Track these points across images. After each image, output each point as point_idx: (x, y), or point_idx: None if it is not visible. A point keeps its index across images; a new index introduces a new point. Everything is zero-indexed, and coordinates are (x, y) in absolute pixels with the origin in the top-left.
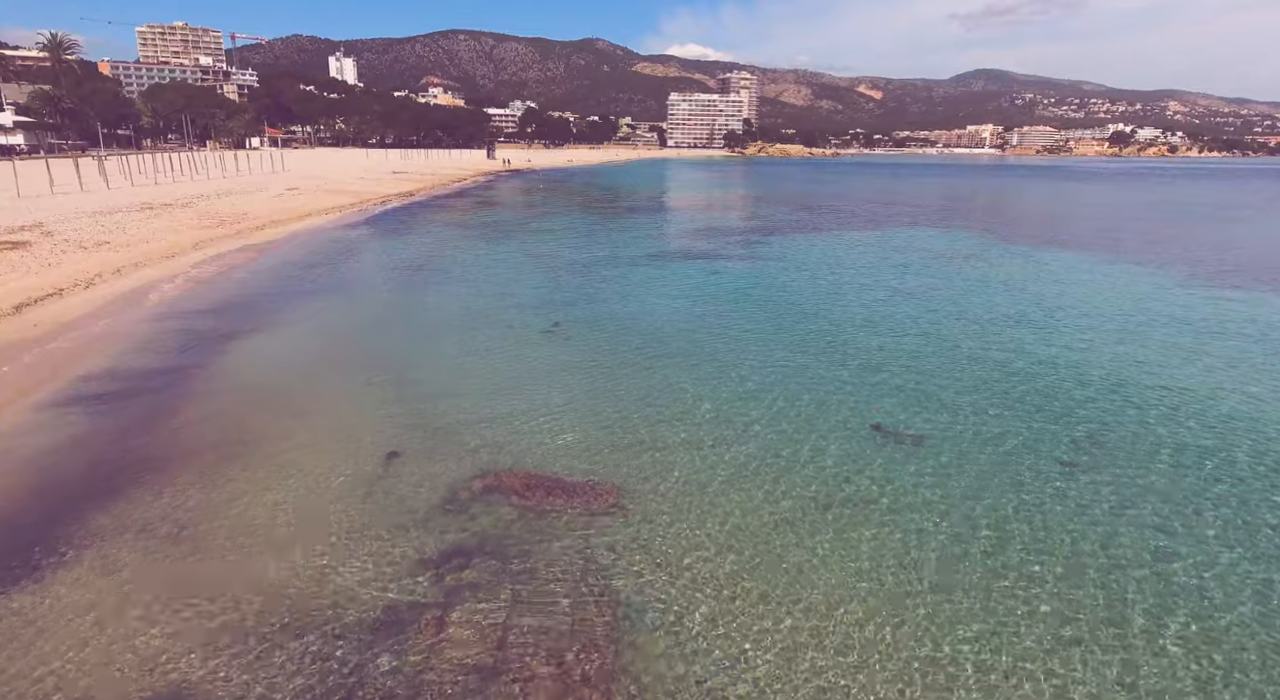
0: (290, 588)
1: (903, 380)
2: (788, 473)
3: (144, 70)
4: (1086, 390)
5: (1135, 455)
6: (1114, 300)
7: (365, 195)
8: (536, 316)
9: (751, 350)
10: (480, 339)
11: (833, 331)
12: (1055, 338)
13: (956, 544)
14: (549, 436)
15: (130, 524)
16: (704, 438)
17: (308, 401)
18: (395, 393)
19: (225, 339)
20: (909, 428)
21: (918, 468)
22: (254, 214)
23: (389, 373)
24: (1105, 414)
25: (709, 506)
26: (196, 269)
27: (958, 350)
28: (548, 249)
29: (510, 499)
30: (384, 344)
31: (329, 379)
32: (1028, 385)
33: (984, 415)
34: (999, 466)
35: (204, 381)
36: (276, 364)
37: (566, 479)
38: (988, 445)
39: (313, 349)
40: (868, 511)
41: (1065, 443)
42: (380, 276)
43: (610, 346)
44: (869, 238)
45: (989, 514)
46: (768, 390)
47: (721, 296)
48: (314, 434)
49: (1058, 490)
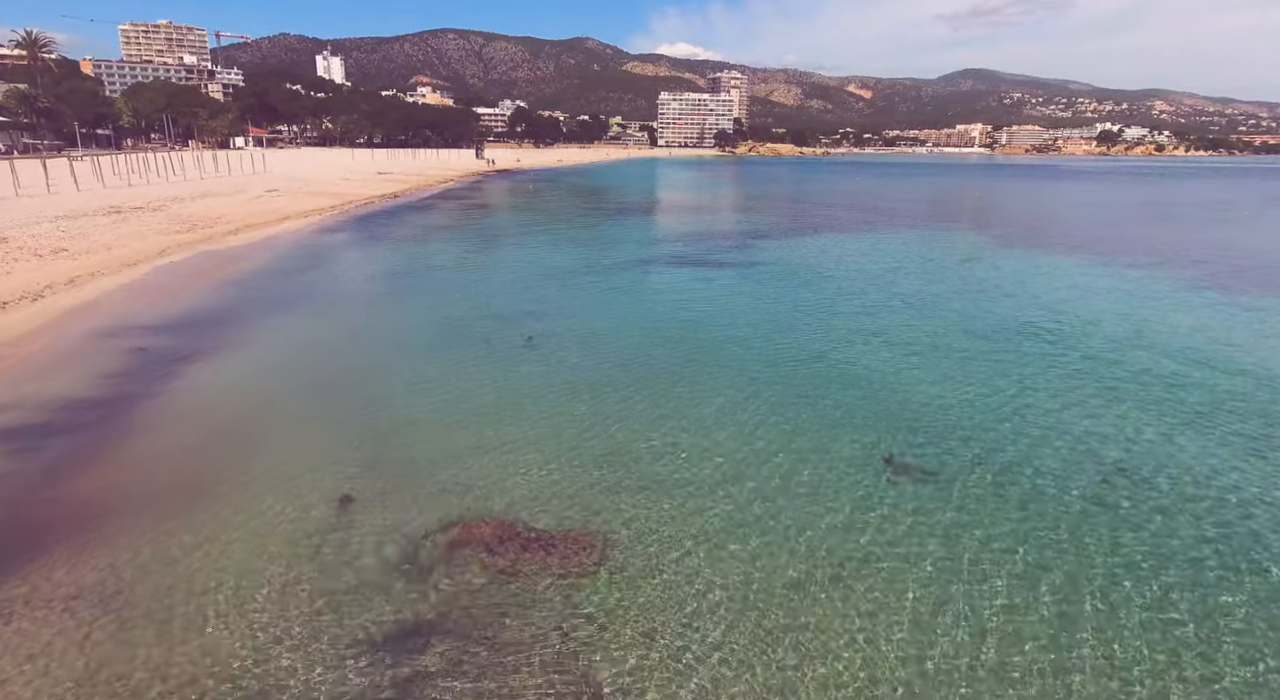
0: (215, 681)
1: (913, 403)
2: (793, 519)
3: (127, 69)
4: (1115, 412)
5: (1178, 494)
6: (1134, 310)
7: (347, 197)
8: (512, 330)
9: (747, 369)
10: (452, 357)
11: (833, 346)
12: (1073, 353)
13: (995, 616)
14: (523, 474)
15: (47, 594)
16: (696, 474)
17: (260, 435)
18: (357, 422)
19: (178, 360)
20: (923, 460)
21: (937, 511)
22: (228, 217)
23: (352, 399)
24: (1138, 442)
25: (705, 562)
26: (159, 278)
27: (969, 368)
28: (529, 254)
29: (480, 556)
30: (349, 365)
31: (285, 407)
32: (1047, 407)
33: (1004, 443)
34: (1028, 505)
35: (148, 413)
36: (230, 390)
37: (542, 529)
38: (1012, 480)
39: (272, 371)
40: (885, 570)
41: (1094, 474)
42: (353, 286)
43: (590, 364)
44: (866, 241)
45: (1027, 573)
46: (767, 416)
47: (712, 307)
48: (262, 475)
49: (1098, 540)
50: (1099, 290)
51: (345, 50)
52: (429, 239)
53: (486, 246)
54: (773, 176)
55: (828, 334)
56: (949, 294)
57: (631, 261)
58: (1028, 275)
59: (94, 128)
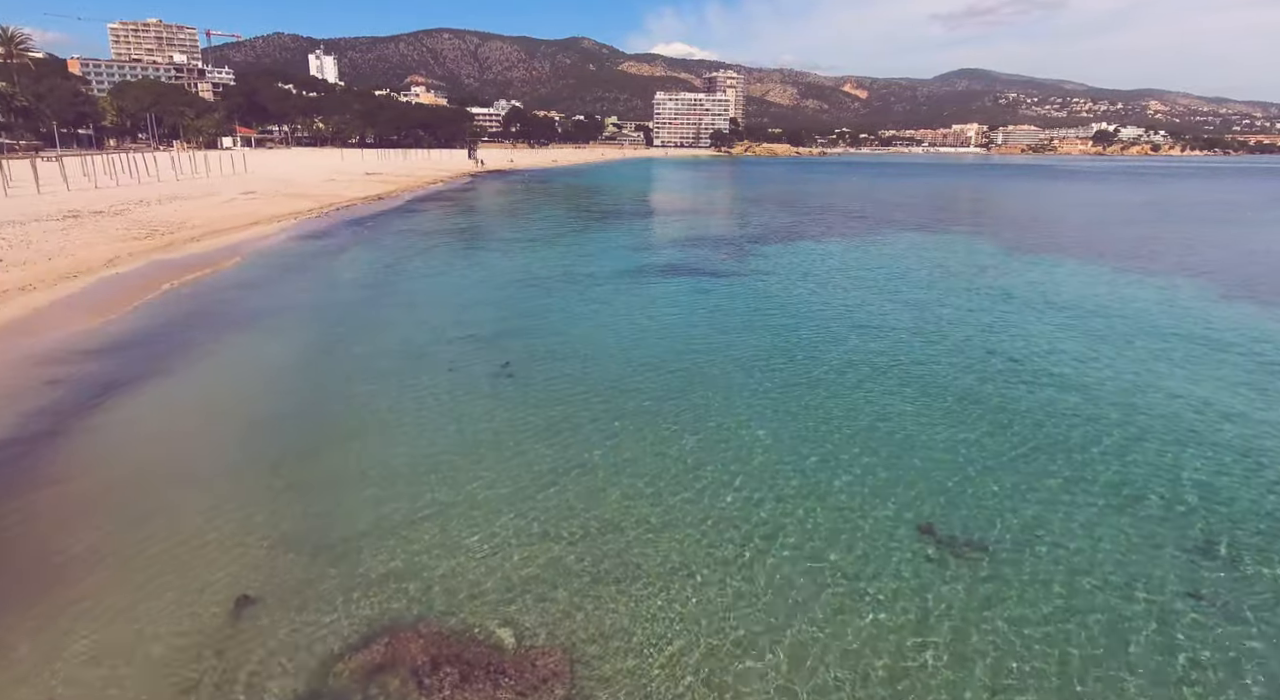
0: None
1: (951, 456)
2: (825, 629)
3: (116, 68)
4: (1197, 465)
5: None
6: (1185, 327)
7: (328, 200)
8: (486, 353)
9: (752, 408)
10: (411, 389)
11: (851, 379)
12: (1131, 387)
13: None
14: (476, 556)
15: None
16: (698, 557)
17: (154, 505)
18: (279, 483)
19: (92, 394)
20: (970, 531)
21: (993, 602)
22: (193, 222)
23: (279, 450)
24: (1237, 502)
25: (712, 693)
26: (100, 292)
27: (1011, 406)
28: (515, 262)
29: (408, 686)
30: (287, 402)
31: (196, 463)
32: (1112, 456)
33: (1066, 508)
34: (1108, 591)
35: (38, 463)
36: (136, 439)
37: (493, 644)
38: (1083, 557)
39: (192, 412)
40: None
41: (1184, 551)
42: (313, 301)
43: (569, 399)
44: (872, 247)
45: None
46: (777, 475)
47: (711, 327)
48: (143, 565)
49: (1196, 639)
50: (1138, 305)
51: (340, 50)
52: (408, 245)
53: (469, 253)
54: (769, 177)
55: (842, 365)
56: (973, 312)
57: (624, 271)
58: (1053, 287)
59: (75, 127)
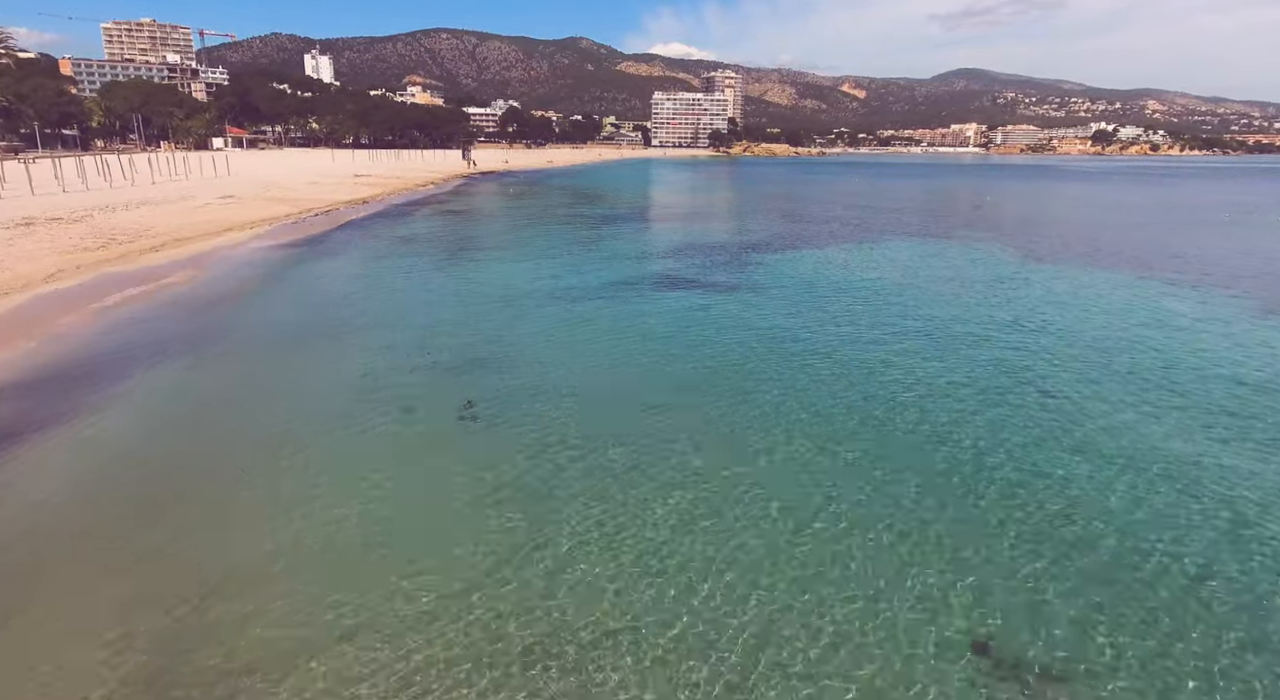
0: None
1: (1006, 547)
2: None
3: (108, 68)
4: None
5: None
6: (1244, 351)
7: (309, 204)
8: (450, 388)
9: (762, 469)
10: (354, 441)
11: (870, 434)
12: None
13: None
14: (396, 693)
15: None
16: (708, 689)
17: (29, 582)
18: (166, 579)
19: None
20: (1043, 650)
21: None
22: (157, 229)
23: (173, 531)
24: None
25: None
26: (35, 310)
27: (1075, 479)
28: (494, 274)
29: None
30: (202, 458)
31: (74, 547)
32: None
33: (1168, 626)
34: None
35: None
36: (15, 514)
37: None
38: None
39: (91, 473)
40: None
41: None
42: (268, 321)
43: (539, 452)
44: (880, 255)
45: None
46: (798, 572)
47: (710, 358)
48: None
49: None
50: (1185, 323)
51: (338, 50)
52: (384, 254)
53: (447, 264)
54: (768, 178)
55: (864, 412)
56: (1007, 335)
57: (612, 284)
58: (1086, 302)
59: (59, 128)
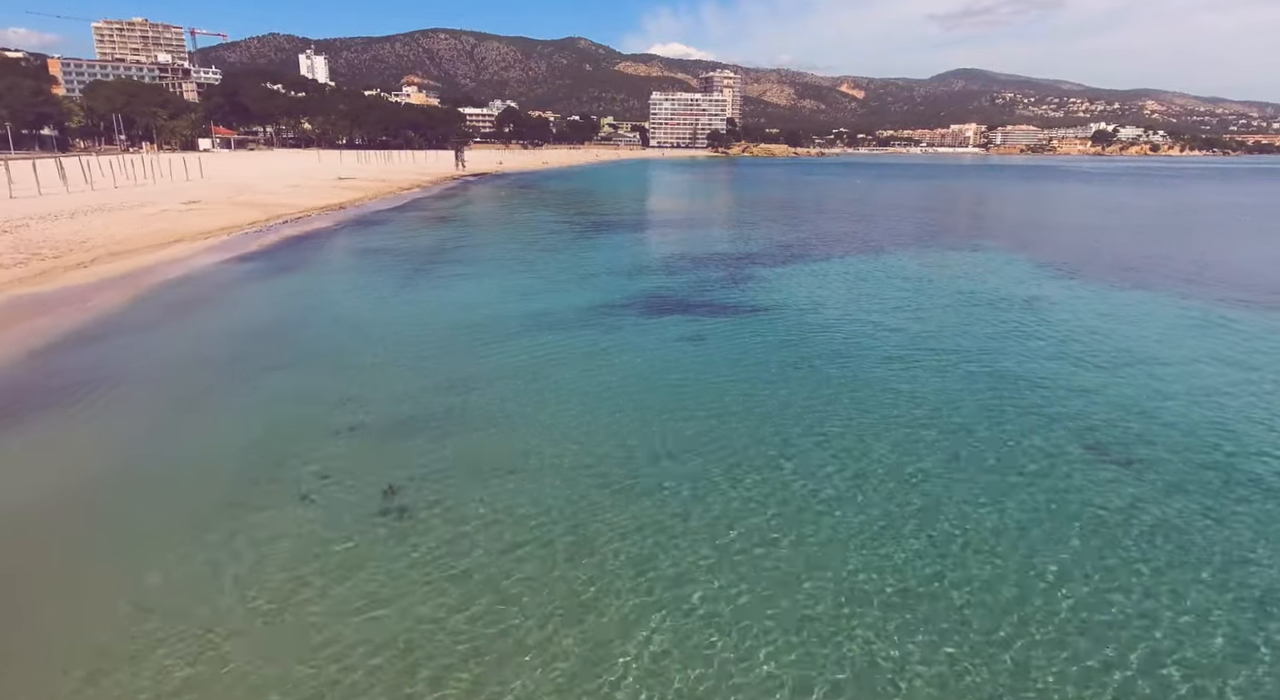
0: None
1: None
2: None
3: (99, 69)
4: None
5: None
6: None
7: (280, 210)
8: (372, 462)
9: (762, 581)
10: (229, 547)
11: (892, 510)
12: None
13: None
14: None
15: None
16: None
17: None
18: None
19: None
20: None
21: None
22: (94, 242)
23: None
24: None
25: None
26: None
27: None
28: (461, 295)
29: None
30: (33, 570)
31: None
32: None
33: None
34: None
35: None
36: None
37: None
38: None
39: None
40: None
41: None
42: (181, 359)
43: (477, 568)
44: (891, 269)
45: None
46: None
47: (703, 401)
48: None
49: None
50: (1242, 356)
51: (335, 50)
52: (343, 269)
53: (410, 283)
54: (768, 179)
55: (885, 477)
56: (1049, 374)
57: (595, 308)
58: (1128, 330)
59: (35, 128)
